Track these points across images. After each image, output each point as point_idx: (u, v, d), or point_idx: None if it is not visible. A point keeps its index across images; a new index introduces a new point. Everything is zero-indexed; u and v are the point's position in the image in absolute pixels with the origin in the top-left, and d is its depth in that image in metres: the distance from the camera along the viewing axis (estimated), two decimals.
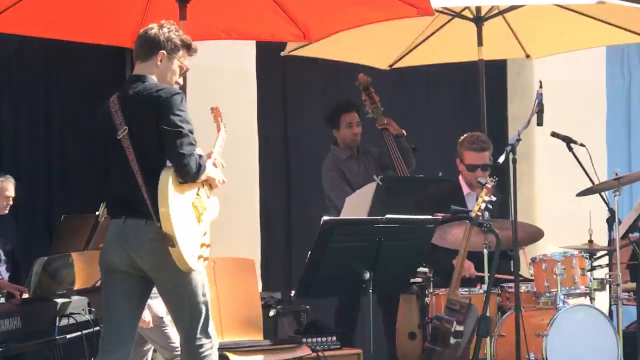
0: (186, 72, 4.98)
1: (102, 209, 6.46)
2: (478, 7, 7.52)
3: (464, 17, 7.60)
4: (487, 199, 5.91)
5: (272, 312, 6.79)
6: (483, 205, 5.90)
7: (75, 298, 6.08)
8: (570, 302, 6.18)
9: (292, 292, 6.22)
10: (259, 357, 6.06)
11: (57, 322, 5.85)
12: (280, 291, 7.30)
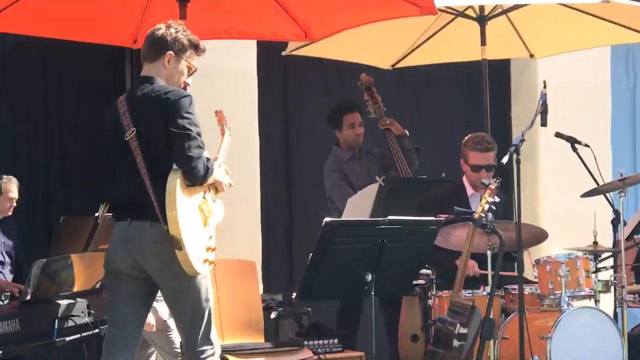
0: (194, 73, 4.96)
1: (101, 211, 6.44)
2: (481, 6, 7.51)
3: (467, 16, 7.59)
4: (490, 200, 5.90)
5: (273, 314, 6.77)
6: (486, 207, 5.89)
7: (75, 300, 6.06)
8: (574, 304, 6.17)
9: (294, 294, 6.22)
10: None
11: (56, 325, 5.83)
12: (282, 293, 7.29)
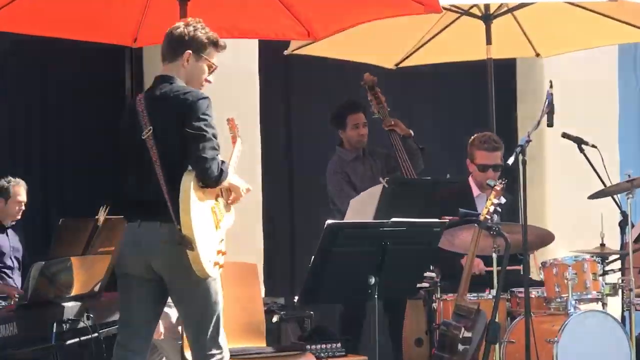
0: (215, 70, 4.96)
1: (101, 213, 6.43)
2: (487, 5, 7.51)
3: (473, 14, 7.58)
4: (496, 201, 5.89)
5: (275, 318, 6.77)
6: (492, 208, 5.88)
7: (74, 304, 6.05)
8: (581, 308, 6.16)
9: (296, 298, 6.21)
10: None
11: (55, 329, 5.83)
12: (284, 296, 7.29)
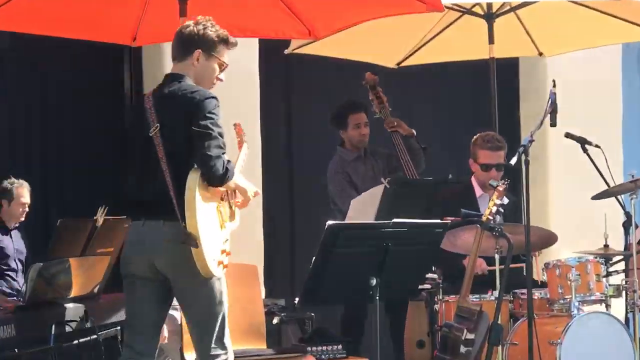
0: (226, 68, 4.97)
1: (100, 213, 6.43)
2: (489, 4, 7.50)
3: (475, 13, 7.57)
4: (498, 202, 5.89)
5: (276, 319, 6.77)
6: (494, 209, 5.88)
7: (72, 305, 6.06)
8: (585, 309, 6.16)
9: (297, 299, 6.21)
10: None
11: (53, 330, 5.82)
12: (284, 298, 7.28)
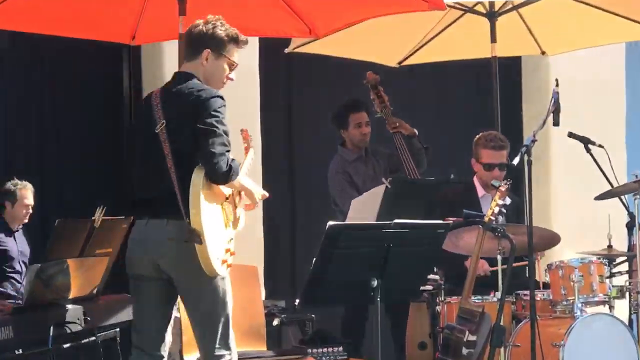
0: (236, 67, 4.98)
1: (98, 214, 6.43)
2: (491, 2, 7.50)
3: (477, 12, 7.57)
4: (500, 202, 5.88)
5: (276, 321, 6.77)
6: (497, 209, 5.87)
7: (71, 307, 6.06)
8: (588, 311, 6.15)
9: (297, 300, 6.20)
10: None
11: (51, 332, 5.83)
12: (285, 299, 7.28)
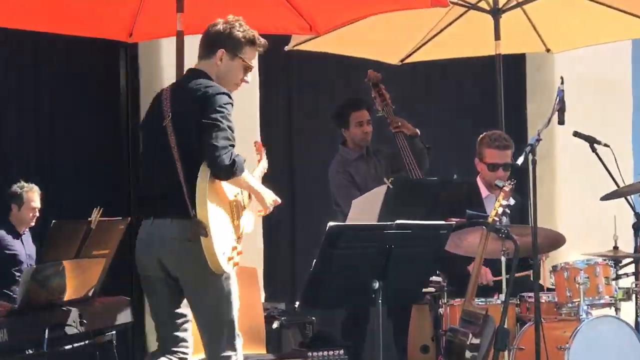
0: (251, 70, 5.01)
1: (94, 214, 6.43)
2: None
3: (481, 9, 7.56)
4: (504, 202, 5.88)
5: (276, 323, 6.76)
6: (500, 210, 5.87)
7: (66, 309, 6.06)
8: (593, 313, 6.15)
9: (297, 303, 6.19)
10: None
11: (47, 335, 5.84)
12: (284, 302, 7.27)
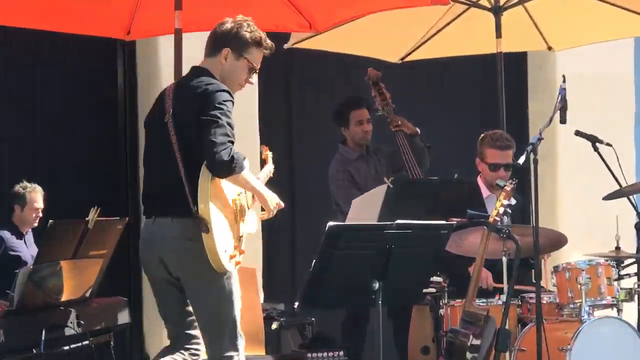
0: (256, 72, 5.02)
1: (92, 214, 6.43)
2: None
3: (482, 6, 7.55)
4: (505, 202, 5.88)
5: (275, 324, 6.76)
6: (501, 210, 5.86)
7: (63, 310, 6.06)
8: (595, 314, 6.15)
9: (296, 303, 6.19)
10: None
11: (44, 336, 5.84)
12: (284, 302, 7.27)
